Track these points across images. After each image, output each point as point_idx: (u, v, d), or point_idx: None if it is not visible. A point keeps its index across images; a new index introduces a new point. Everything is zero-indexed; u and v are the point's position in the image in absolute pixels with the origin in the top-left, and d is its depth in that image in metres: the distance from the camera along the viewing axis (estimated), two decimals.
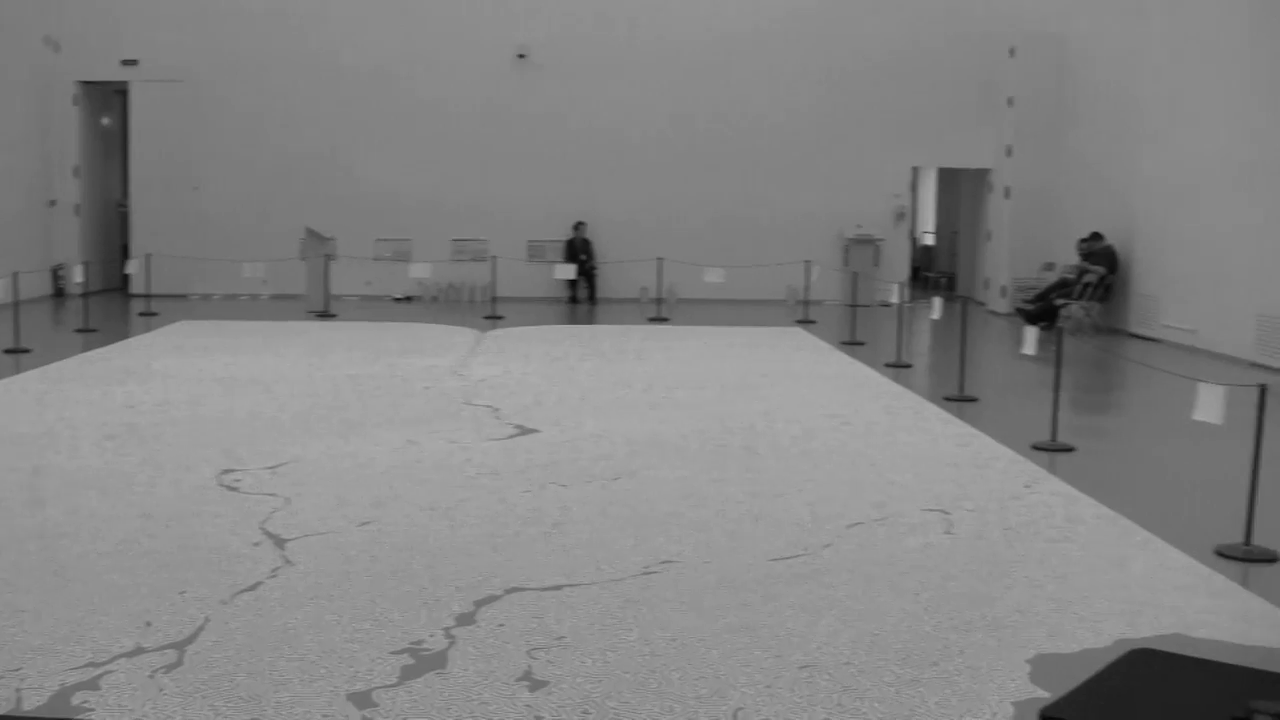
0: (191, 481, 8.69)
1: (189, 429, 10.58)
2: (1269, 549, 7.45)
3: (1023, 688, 5.30)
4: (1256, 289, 16.09)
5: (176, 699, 4.98)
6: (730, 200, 23.63)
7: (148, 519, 7.67)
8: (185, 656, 5.43)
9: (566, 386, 13.11)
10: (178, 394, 12.33)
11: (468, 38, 23.26)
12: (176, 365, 14.27)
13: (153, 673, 5.24)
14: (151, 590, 6.30)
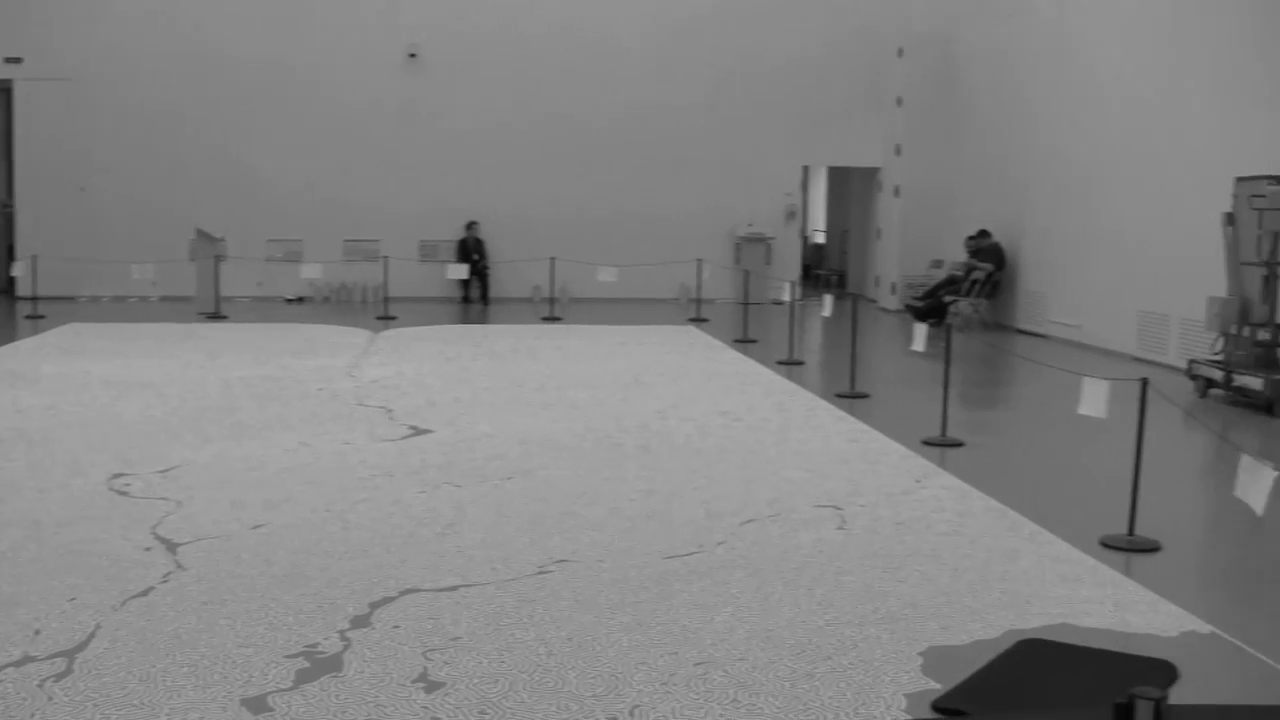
0: (81, 486, 8.55)
1: (78, 433, 10.40)
2: (1151, 539, 7.61)
3: (915, 680, 5.37)
4: (1138, 285, 16.42)
5: (66, 708, 4.90)
6: (622, 199, 23.69)
7: (36, 525, 7.54)
8: (75, 664, 5.34)
9: (460, 386, 13.07)
10: (66, 398, 12.12)
11: (359, 36, 23.09)
12: (65, 369, 14.02)
13: (41, 682, 5.15)
14: (40, 598, 6.19)
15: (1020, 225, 19.85)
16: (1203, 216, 14.58)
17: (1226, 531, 8.35)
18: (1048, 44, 19.01)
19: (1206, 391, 13.30)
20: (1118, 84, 17.03)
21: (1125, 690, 2.68)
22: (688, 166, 23.79)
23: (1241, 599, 6.95)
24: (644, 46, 23.61)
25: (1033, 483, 9.43)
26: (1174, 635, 6.01)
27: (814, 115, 24.02)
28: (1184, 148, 15.43)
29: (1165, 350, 15.75)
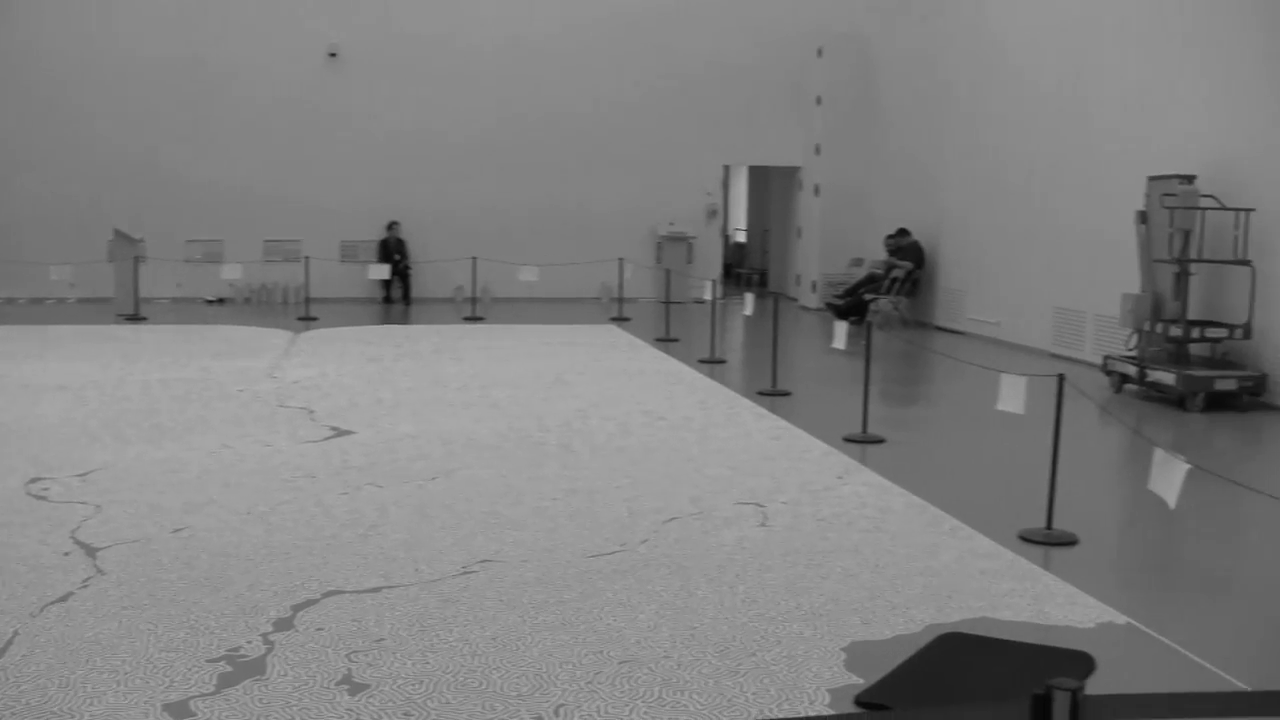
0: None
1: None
2: (1069, 532, 7.71)
3: (838, 675, 5.41)
4: (1054, 283, 16.63)
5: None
6: (544, 199, 23.67)
7: None
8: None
9: (382, 387, 13.01)
10: None
11: (279, 36, 22.90)
12: None
13: None
14: None
15: (939, 224, 20.04)
16: (1117, 215, 14.80)
17: (1141, 524, 8.48)
18: (966, 45, 19.20)
19: (1121, 387, 13.49)
20: (1034, 85, 17.22)
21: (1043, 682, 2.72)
22: (609, 166, 23.82)
23: (1156, 590, 7.06)
24: (564, 47, 23.60)
25: (953, 478, 9.52)
26: (1091, 627, 6.09)
27: (734, 114, 24.12)
28: (1098, 148, 15.65)
29: (1081, 347, 15.96)
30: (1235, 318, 12.98)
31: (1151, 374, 12.92)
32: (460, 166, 23.47)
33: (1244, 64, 13.13)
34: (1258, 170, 12.89)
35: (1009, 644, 5.82)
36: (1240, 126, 13.18)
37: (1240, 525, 8.43)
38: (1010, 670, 5.50)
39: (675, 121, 24.01)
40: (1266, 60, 12.82)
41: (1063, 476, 7.98)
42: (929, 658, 5.64)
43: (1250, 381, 12.55)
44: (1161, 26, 14.49)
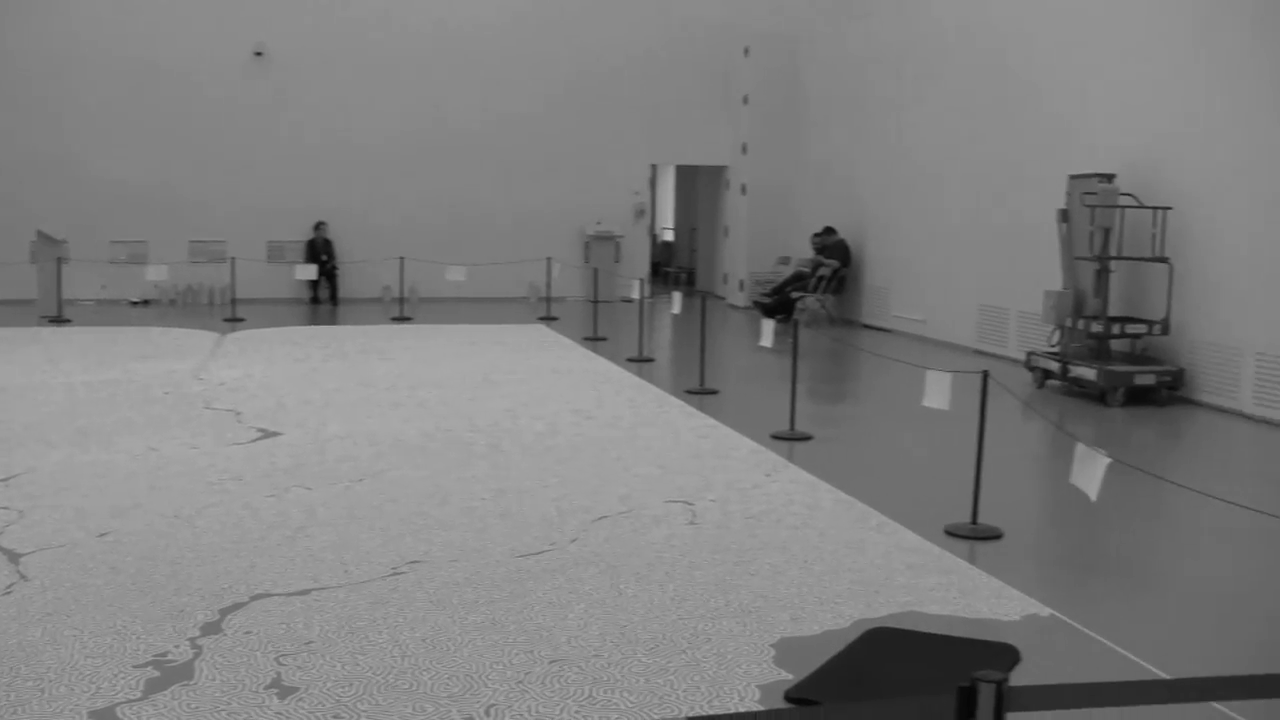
0: None
1: None
2: (994, 527, 7.80)
3: (768, 671, 5.45)
4: (978, 280, 16.80)
5: None
6: (471, 199, 23.60)
7: None
8: None
9: (309, 388, 12.94)
10: None
11: (203, 34, 22.65)
12: None
13: None
14: None
15: (865, 222, 20.18)
16: (1038, 213, 14.97)
17: (1064, 518, 8.59)
18: (890, 45, 19.34)
19: (1044, 382, 13.65)
20: (956, 85, 17.38)
21: (969, 674, 2.76)
22: (536, 165, 23.79)
23: (1079, 582, 7.15)
24: (491, 46, 23.54)
25: (880, 474, 9.60)
26: (1016, 619, 6.17)
27: (661, 114, 24.17)
28: (1020, 147, 15.82)
29: (1005, 343, 16.14)
30: (1154, 314, 13.17)
31: (1073, 370, 13.09)
32: (388, 166, 23.35)
33: (1162, 64, 13.32)
34: (1175, 169, 13.09)
35: (936, 638, 5.89)
36: (1158, 126, 13.37)
37: (1160, 517, 8.56)
38: (937, 663, 5.56)
39: (603, 121, 24.02)
40: (1184, 61, 13.01)
41: (987, 471, 8.08)
42: (857, 653, 5.70)
43: (1168, 376, 12.74)
44: (1081, 27, 14.67)
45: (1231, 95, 12.38)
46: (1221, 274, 12.53)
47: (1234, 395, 12.39)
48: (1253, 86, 12.12)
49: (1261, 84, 12.01)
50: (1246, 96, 12.20)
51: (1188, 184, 12.91)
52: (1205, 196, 12.70)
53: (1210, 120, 12.66)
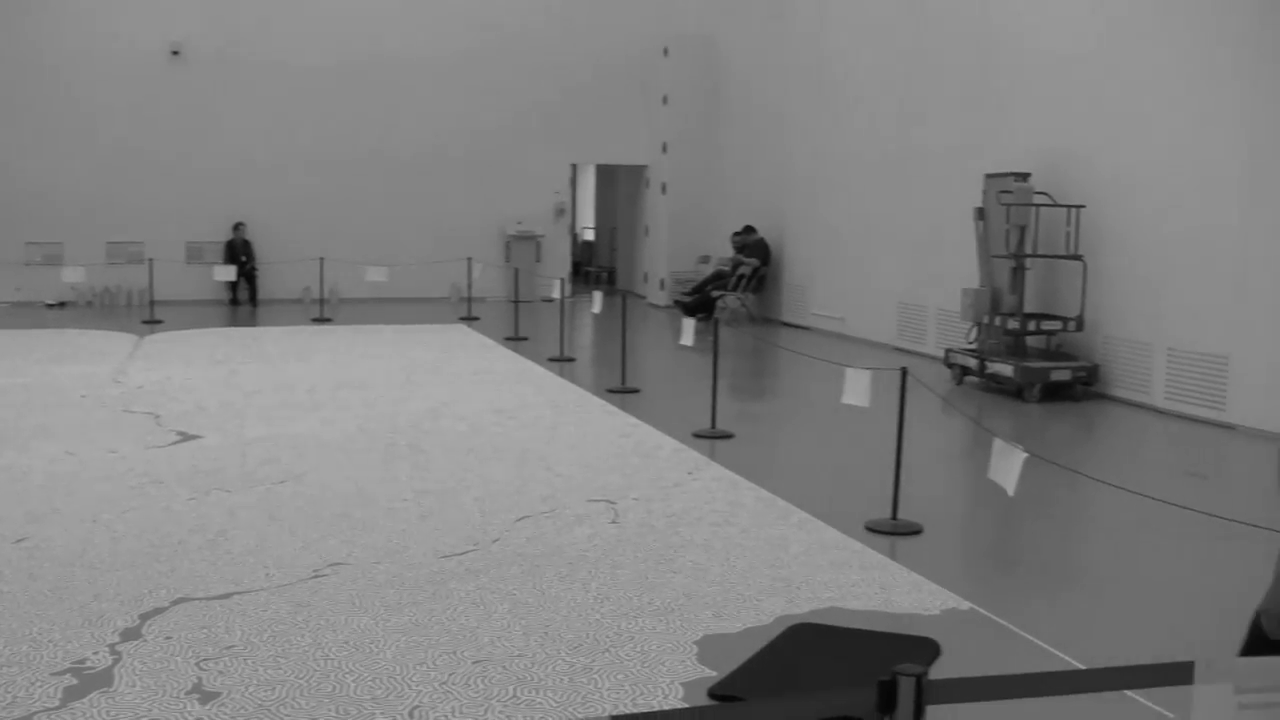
0: None
1: None
2: (914, 522, 7.88)
3: (691, 668, 5.48)
4: (896, 278, 16.95)
5: None
6: (392, 199, 23.47)
7: None
8: None
9: (229, 390, 12.83)
10: None
11: (119, 32, 22.33)
12: None
13: None
14: None
15: (784, 221, 20.29)
16: (956, 212, 15.12)
17: (983, 512, 8.69)
18: (807, 45, 19.45)
19: (962, 379, 13.79)
20: (874, 84, 17.51)
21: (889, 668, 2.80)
22: (457, 165, 23.69)
23: (997, 576, 7.25)
24: (410, 45, 23.41)
25: (801, 472, 9.66)
26: (936, 613, 6.25)
27: (581, 113, 24.16)
28: (937, 146, 15.97)
29: (924, 340, 16.29)
30: (1069, 311, 13.35)
31: (991, 366, 13.23)
32: (307, 166, 23.16)
33: (1075, 64, 13.49)
34: (1087, 168, 13.27)
35: (857, 633, 5.94)
36: (1071, 126, 13.55)
37: (1075, 510, 8.68)
38: (858, 658, 5.62)
39: (523, 120, 23.96)
40: (1096, 61, 13.19)
41: (907, 467, 8.16)
42: (780, 649, 5.74)
43: (1083, 372, 12.92)
44: (996, 27, 14.83)
45: (1142, 97, 12.57)
46: (1133, 271, 12.72)
47: (1146, 390, 12.58)
48: (1162, 88, 12.31)
49: (1171, 86, 12.20)
50: (1156, 98, 12.39)
51: (1100, 183, 13.10)
52: (1117, 195, 12.89)
53: (1121, 121, 12.85)
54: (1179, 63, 12.14)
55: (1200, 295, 11.91)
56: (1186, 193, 12.03)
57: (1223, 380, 11.67)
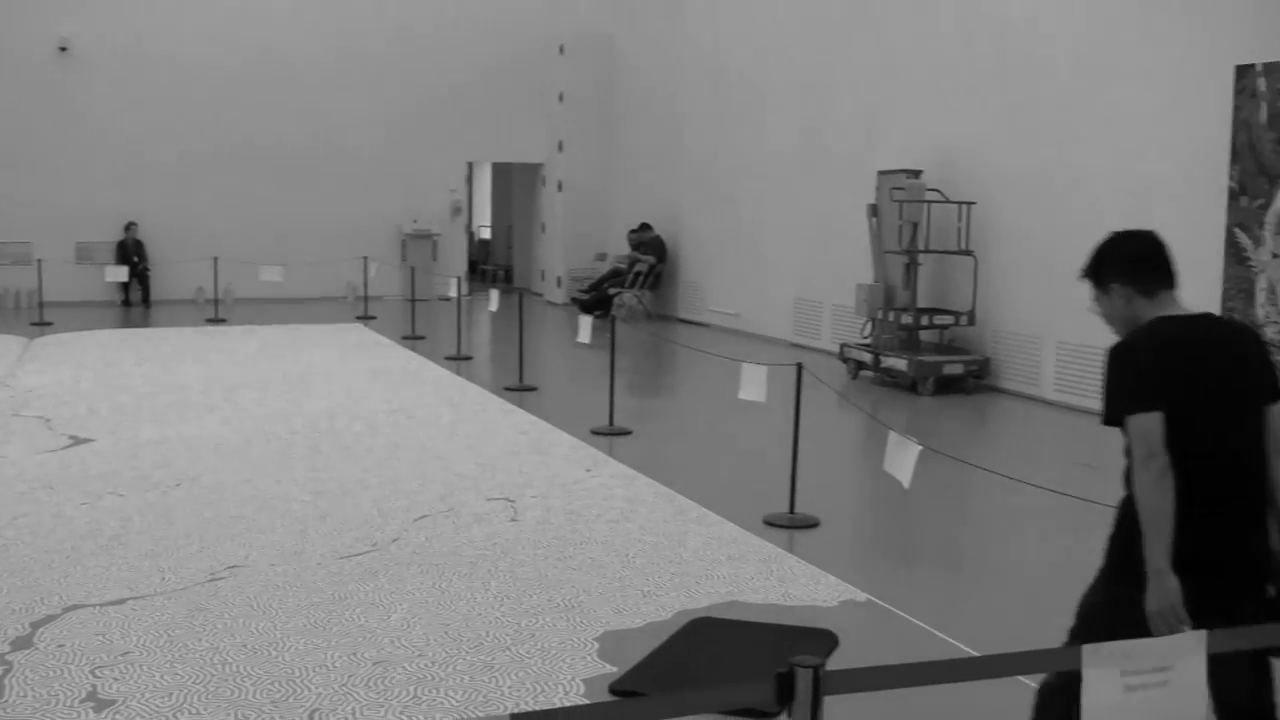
0: None
1: None
2: (811, 515, 7.96)
3: (592, 665, 5.51)
4: (792, 274, 17.08)
5: None
6: (286, 198, 23.19)
7: None
8: None
9: (122, 393, 12.65)
10: None
11: (4, 27, 21.82)
12: None
13: None
14: None
15: (680, 218, 20.36)
16: (850, 208, 15.27)
17: (879, 505, 8.80)
18: (702, 45, 19.54)
19: (858, 373, 13.93)
20: (767, 83, 17.63)
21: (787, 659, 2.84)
22: (352, 164, 23.49)
23: (893, 567, 7.34)
24: (305, 44, 23.16)
25: (699, 467, 9.72)
26: (834, 605, 6.33)
27: (477, 112, 24.06)
28: (831, 143, 16.12)
29: (819, 335, 16.43)
30: (961, 305, 13.53)
31: (885, 360, 13.39)
32: (200, 165, 22.81)
33: (965, 63, 13.68)
34: (977, 165, 13.47)
35: (756, 626, 5.99)
36: (961, 123, 13.74)
37: (969, 501, 8.82)
38: (757, 651, 5.66)
39: (418, 118, 23.80)
40: (985, 60, 13.38)
41: (804, 461, 8.24)
42: (680, 643, 5.77)
43: (975, 365, 13.12)
44: (889, 27, 15.00)
45: (1029, 96, 12.77)
46: (1022, 266, 12.92)
47: (1036, 382, 12.79)
48: (1049, 87, 12.52)
49: (1057, 85, 12.41)
50: (1043, 97, 12.59)
51: (990, 180, 13.30)
52: (1006, 192, 13.09)
53: (1010, 119, 13.05)
54: (1066, 62, 12.35)
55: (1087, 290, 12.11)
56: (1072, 189, 12.25)
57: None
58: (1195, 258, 10.77)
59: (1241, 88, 9.69)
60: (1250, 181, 9.62)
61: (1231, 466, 3.80)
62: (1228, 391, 3.83)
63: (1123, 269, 4.13)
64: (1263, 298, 9.55)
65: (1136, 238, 4.19)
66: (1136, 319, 4.04)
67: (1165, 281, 4.08)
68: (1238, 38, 10.46)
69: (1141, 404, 3.76)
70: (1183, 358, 3.83)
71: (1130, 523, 3.80)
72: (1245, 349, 3.97)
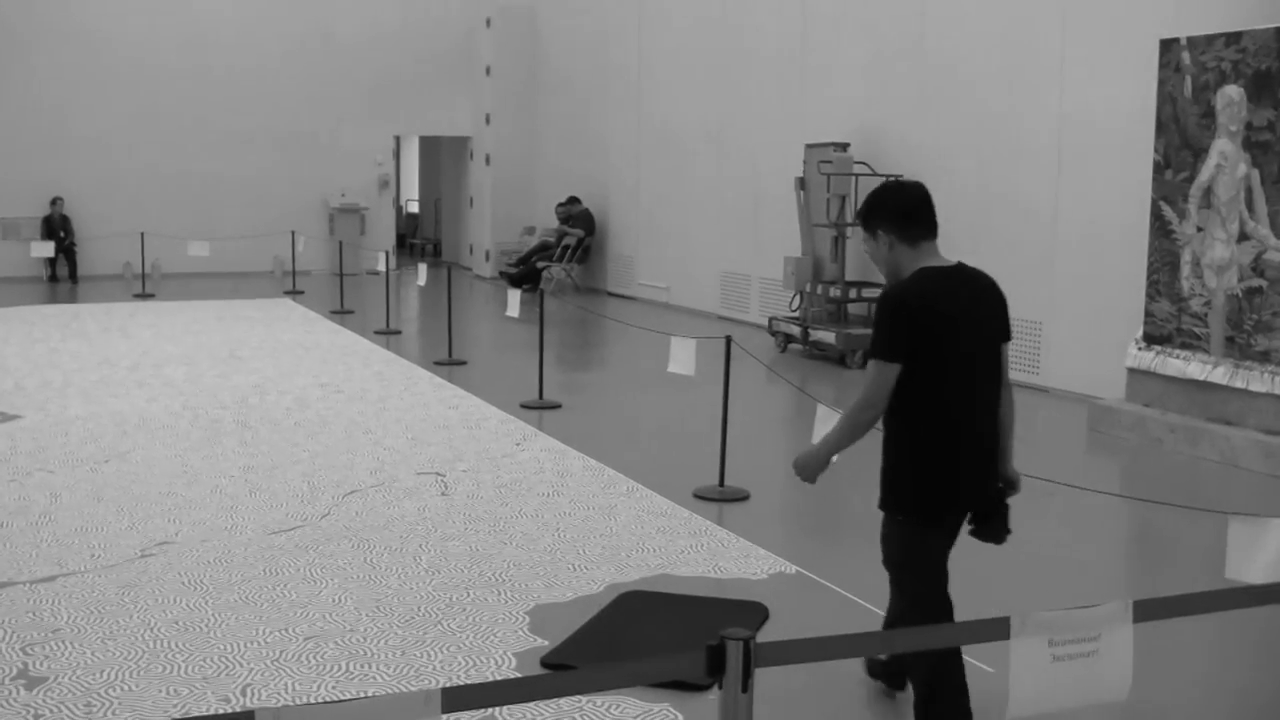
0: None
1: None
2: (740, 489, 8.03)
3: (523, 639, 5.55)
4: (719, 248, 17.14)
5: None
6: (213, 172, 22.93)
7: None
8: None
9: (49, 369, 12.52)
10: None
11: None
12: None
13: None
14: None
15: (609, 192, 20.36)
16: (777, 181, 15.35)
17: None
18: (629, 16, 19.51)
19: (786, 346, 14.02)
20: (696, 55, 17.65)
21: (717, 632, 2.89)
22: (280, 137, 23.28)
23: (823, 540, 7.43)
24: (232, 17, 22.89)
25: (628, 441, 9.77)
26: (764, 578, 6.40)
27: (405, 85, 23.91)
28: (759, 116, 16.17)
29: (748, 309, 16.51)
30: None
31: (814, 333, 13.48)
32: (124, 139, 22.51)
33: (892, 35, 13.76)
34: (905, 137, 13.57)
35: (687, 599, 6.06)
36: (888, 95, 13.84)
37: None
38: (688, 624, 5.73)
39: (345, 92, 23.62)
40: (912, 32, 13.47)
41: (733, 435, 8.29)
42: (611, 617, 5.83)
43: None
44: (816, 3, 15.08)
45: (956, 67, 12.88)
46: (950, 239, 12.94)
47: None
48: (975, 59, 12.63)
49: (984, 56, 12.52)
50: (969, 69, 12.70)
51: (917, 153, 13.40)
52: (933, 165, 13.17)
53: (936, 91, 13.15)
54: (992, 33, 12.46)
55: (1015, 262, 12.25)
56: (998, 162, 12.38)
57: (1036, 345, 12.04)
58: (1122, 229, 10.97)
59: (1166, 61, 9.81)
60: (1174, 155, 9.74)
61: (972, 402, 4.42)
62: (974, 334, 4.44)
63: (890, 218, 4.66)
64: (1187, 270, 9.69)
65: (906, 189, 4.77)
66: (898, 264, 4.59)
67: (927, 232, 4.68)
68: (1162, 11, 10.60)
69: (885, 354, 4.35)
70: (935, 313, 4.36)
71: (894, 459, 4.59)
72: (989, 295, 4.59)
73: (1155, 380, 9.95)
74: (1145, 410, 9.90)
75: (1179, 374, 9.71)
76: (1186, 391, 9.69)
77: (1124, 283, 10.84)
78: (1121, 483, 9.01)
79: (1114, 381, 10.61)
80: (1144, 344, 10.09)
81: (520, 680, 2.95)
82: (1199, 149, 9.58)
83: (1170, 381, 9.82)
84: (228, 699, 4.86)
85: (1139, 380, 10.11)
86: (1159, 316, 9.97)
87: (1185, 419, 9.56)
